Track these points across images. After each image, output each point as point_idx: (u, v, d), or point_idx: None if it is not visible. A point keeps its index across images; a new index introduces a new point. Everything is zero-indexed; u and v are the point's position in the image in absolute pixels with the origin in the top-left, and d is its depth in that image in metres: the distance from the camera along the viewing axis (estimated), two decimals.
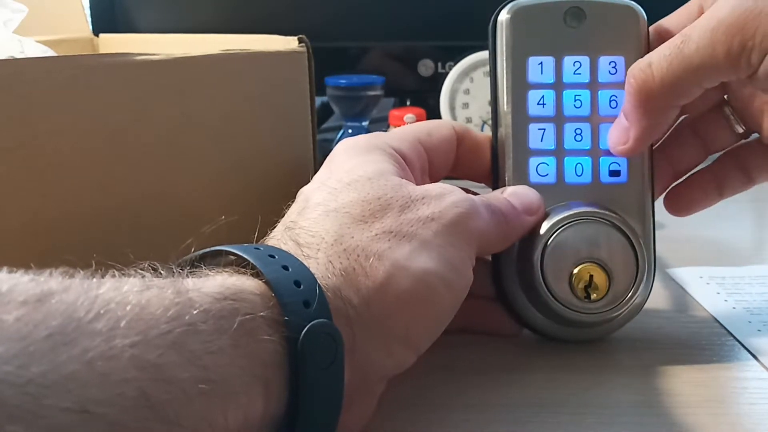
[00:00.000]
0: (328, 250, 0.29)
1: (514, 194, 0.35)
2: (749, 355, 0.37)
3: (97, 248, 0.33)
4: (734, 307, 0.42)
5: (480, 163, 0.39)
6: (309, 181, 0.34)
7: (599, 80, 0.38)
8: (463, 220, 0.31)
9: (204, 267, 0.27)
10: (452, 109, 0.70)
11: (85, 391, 0.20)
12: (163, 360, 0.21)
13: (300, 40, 0.41)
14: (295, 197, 0.33)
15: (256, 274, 0.26)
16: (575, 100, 0.38)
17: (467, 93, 0.69)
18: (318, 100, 0.67)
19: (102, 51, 0.61)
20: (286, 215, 0.32)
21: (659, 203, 0.40)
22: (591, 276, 0.35)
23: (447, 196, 0.32)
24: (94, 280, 0.23)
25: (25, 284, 0.21)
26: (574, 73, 0.38)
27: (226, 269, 0.27)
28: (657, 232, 0.38)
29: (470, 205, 0.32)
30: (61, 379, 0.19)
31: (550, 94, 0.38)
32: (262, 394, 0.24)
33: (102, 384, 0.20)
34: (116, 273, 0.24)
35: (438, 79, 0.71)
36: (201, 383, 0.22)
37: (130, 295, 0.22)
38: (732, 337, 0.39)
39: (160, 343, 0.22)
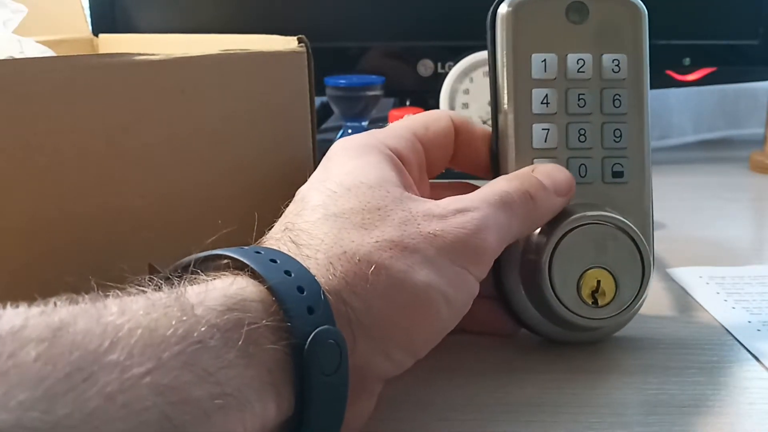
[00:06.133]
0: (328, 251, 0.28)
1: (545, 174, 0.35)
2: (749, 355, 0.37)
3: (97, 248, 0.33)
4: (734, 307, 0.42)
5: (477, 155, 0.38)
6: None
7: (603, 78, 0.37)
8: (467, 240, 0.30)
9: (201, 272, 0.27)
10: (452, 109, 0.69)
11: (110, 426, 0.20)
12: (178, 382, 0.22)
13: (299, 40, 0.40)
14: (293, 197, 0.33)
15: (255, 275, 0.26)
16: (579, 99, 0.37)
17: (467, 93, 0.69)
18: (318, 100, 0.67)
19: (102, 51, 0.61)
20: (283, 215, 0.32)
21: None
22: (598, 281, 0.35)
23: (450, 218, 0.31)
24: (99, 304, 0.23)
25: (36, 318, 0.21)
26: (578, 71, 0.37)
27: (225, 273, 0.27)
28: (657, 232, 0.38)
29: (478, 224, 0.31)
30: (85, 417, 0.20)
31: (553, 93, 0.37)
32: (275, 400, 0.24)
33: (125, 416, 0.20)
34: (118, 293, 0.24)
35: (438, 79, 0.71)
36: (217, 399, 0.22)
37: (138, 318, 0.22)
38: (732, 337, 0.39)
39: (174, 365, 0.22)
